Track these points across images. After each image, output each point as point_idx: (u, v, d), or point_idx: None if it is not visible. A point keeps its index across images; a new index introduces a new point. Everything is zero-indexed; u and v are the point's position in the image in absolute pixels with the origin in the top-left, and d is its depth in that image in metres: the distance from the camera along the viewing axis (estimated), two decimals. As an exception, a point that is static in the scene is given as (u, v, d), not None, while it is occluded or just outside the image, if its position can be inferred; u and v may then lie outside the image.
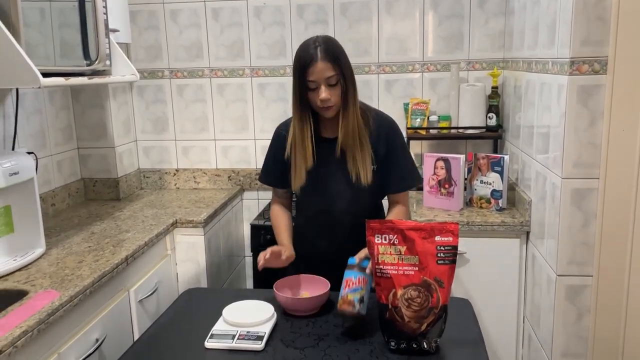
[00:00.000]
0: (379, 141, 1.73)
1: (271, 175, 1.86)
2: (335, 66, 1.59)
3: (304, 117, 1.68)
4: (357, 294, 1.48)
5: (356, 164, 1.68)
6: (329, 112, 1.65)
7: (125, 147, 2.89)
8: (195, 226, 2.40)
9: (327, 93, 1.59)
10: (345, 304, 1.47)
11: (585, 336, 1.87)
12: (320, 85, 1.60)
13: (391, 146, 1.74)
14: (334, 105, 1.63)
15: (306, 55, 1.59)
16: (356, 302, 1.47)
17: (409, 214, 1.84)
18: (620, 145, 1.65)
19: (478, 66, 2.74)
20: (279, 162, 1.80)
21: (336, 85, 1.61)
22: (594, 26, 1.67)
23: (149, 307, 2.10)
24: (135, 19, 2.87)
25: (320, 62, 1.57)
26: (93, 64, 2.02)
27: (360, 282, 1.49)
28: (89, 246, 2.02)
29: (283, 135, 1.79)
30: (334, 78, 1.59)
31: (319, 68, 1.57)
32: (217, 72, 2.91)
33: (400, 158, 1.75)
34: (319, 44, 1.60)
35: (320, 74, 1.58)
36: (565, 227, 1.81)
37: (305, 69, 1.58)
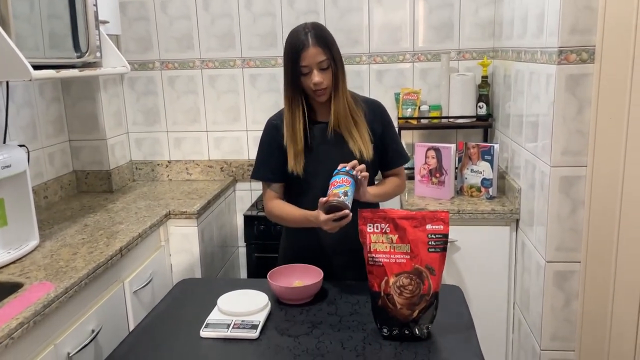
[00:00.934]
0: (374, 121, 1.78)
1: (268, 168, 1.81)
2: (326, 51, 1.65)
3: (296, 101, 1.72)
4: (341, 189, 1.54)
5: (357, 142, 1.72)
6: (323, 96, 1.69)
7: (117, 139, 2.89)
8: (189, 217, 2.42)
9: (319, 77, 1.64)
10: (331, 196, 1.54)
11: (573, 320, 1.91)
12: (312, 70, 1.64)
13: (386, 125, 1.81)
14: (326, 88, 1.68)
15: (298, 41, 1.64)
16: (341, 194, 1.54)
17: (405, 187, 1.89)
18: (608, 132, 1.68)
19: (468, 56, 2.75)
20: (275, 152, 1.79)
21: (327, 69, 1.66)
22: (581, 15, 1.69)
23: (143, 297, 2.11)
24: (125, 10, 2.85)
25: (312, 48, 1.63)
26: (83, 56, 2.01)
27: (343, 181, 1.55)
28: (83, 238, 2.03)
29: (277, 125, 1.79)
30: (325, 62, 1.65)
31: (311, 53, 1.62)
32: (208, 63, 2.90)
33: (394, 135, 1.84)
34: (309, 30, 1.65)
35: (312, 58, 1.63)
36: (554, 214, 1.84)
37: (298, 54, 1.63)
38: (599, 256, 1.78)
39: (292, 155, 1.73)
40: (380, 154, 1.79)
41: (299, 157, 1.74)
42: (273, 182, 1.82)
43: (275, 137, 1.78)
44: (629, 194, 1.65)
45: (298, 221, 1.74)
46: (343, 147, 1.73)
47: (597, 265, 1.79)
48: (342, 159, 1.71)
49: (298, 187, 1.79)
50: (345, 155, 1.72)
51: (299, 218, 1.73)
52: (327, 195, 1.56)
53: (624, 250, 1.70)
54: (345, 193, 1.54)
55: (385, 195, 1.80)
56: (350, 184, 1.56)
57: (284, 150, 1.77)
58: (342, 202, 1.54)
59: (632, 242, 1.66)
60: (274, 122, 1.81)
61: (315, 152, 1.75)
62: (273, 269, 1.71)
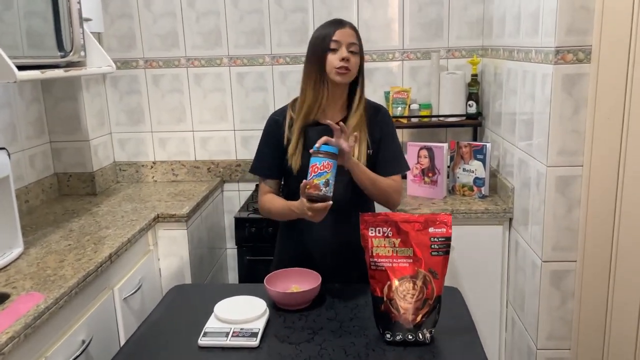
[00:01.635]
0: (374, 126, 1.75)
1: (264, 164, 1.80)
2: (357, 38, 1.69)
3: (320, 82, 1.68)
4: (322, 177, 1.50)
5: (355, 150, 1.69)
6: (344, 76, 1.67)
7: (100, 140, 2.81)
8: (178, 220, 2.36)
9: (347, 54, 1.65)
10: (312, 188, 1.50)
11: (568, 319, 1.92)
12: (342, 47, 1.65)
13: (385, 131, 1.77)
14: (351, 70, 1.67)
15: (335, 23, 1.69)
16: (322, 185, 1.50)
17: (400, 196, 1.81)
18: (605, 132, 1.68)
19: (457, 54, 2.75)
20: (272, 149, 1.77)
21: (356, 55, 1.68)
22: (578, 15, 1.68)
23: (133, 305, 2.05)
24: (107, 7, 2.77)
25: (348, 29, 1.68)
26: (67, 55, 1.94)
27: (325, 166, 1.50)
28: (69, 244, 1.96)
29: (280, 120, 1.76)
30: (356, 47, 1.67)
31: (346, 32, 1.67)
32: (194, 62, 2.84)
33: (394, 143, 1.79)
34: (346, 21, 1.71)
35: (345, 36, 1.66)
36: (550, 214, 1.84)
37: (331, 31, 1.66)
38: (595, 255, 1.78)
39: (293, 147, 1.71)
40: (375, 161, 1.75)
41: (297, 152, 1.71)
42: (268, 177, 1.81)
43: (275, 133, 1.75)
44: (626, 193, 1.66)
45: (283, 213, 1.73)
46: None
47: (594, 264, 1.79)
48: None
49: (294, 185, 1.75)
50: None
51: (284, 209, 1.71)
52: (308, 178, 1.51)
53: (620, 250, 1.71)
54: (327, 183, 1.51)
55: (373, 183, 1.68)
56: (332, 166, 1.51)
57: (282, 147, 1.74)
58: (324, 195, 1.51)
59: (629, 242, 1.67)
60: (276, 118, 1.79)
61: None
62: (269, 274, 1.68)
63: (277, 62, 2.81)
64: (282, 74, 2.82)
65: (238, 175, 2.94)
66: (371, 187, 1.69)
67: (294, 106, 1.77)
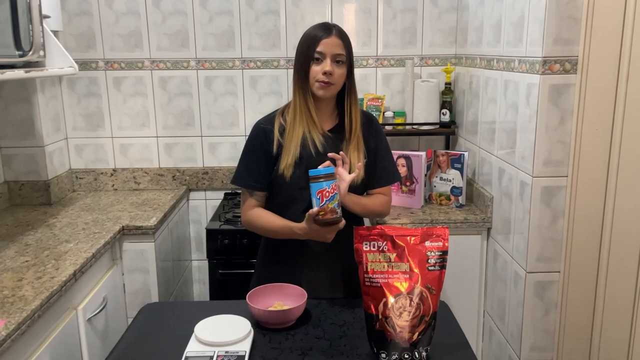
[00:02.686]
0: (370, 136, 1.69)
1: (251, 175, 1.67)
2: (345, 48, 1.60)
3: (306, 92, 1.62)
4: (335, 200, 1.48)
5: (355, 161, 1.63)
6: (325, 90, 1.58)
7: (55, 146, 2.62)
8: (145, 232, 2.21)
9: (331, 67, 1.56)
10: (328, 213, 1.48)
11: (552, 330, 1.91)
12: (326, 58, 1.56)
13: (379, 142, 1.72)
14: (334, 84, 1.58)
15: (321, 28, 1.60)
16: (336, 207, 1.49)
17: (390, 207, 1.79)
18: (592, 143, 1.68)
19: (431, 62, 2.73)
20: (260, 159, 1.66)
21: (341, 65, 1.59)
22: (565, 25, 1.68)
23: (97, 325, 1.90)
24: (65, 4, 2.59)
25: (334, 37, 1.58)
26: (26, 55, 1.78)
27: (333, 189, 1.48)
28: (26, 260, 1.79)
29: (268, 129, 1.66)
30: (342, 57, 1.58)
31: (332, 42, 1.57)
32: (159, 64, 2.70)
33: (387, 154, 1.74)
34: (335, 26, 1.62)
35: (330, 47, 1.57)
36: (535, 224, 1.83)
37: (316, 40, 1.57)
38: (580, 266, 1.78)
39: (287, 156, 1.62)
40: (369, 170, 1.69)
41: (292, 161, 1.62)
42: (256, 190, 1.68)
43: (263, 143, 1.64)
44: (612, 204, 1.66)
45: (280, 232, 1.63)
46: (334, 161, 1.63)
47: (578, 275, 1.79)
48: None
49: (283, 198, 1.66)
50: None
51: (282, 229, 1.62)
52: (320, 204, 1.46)
53: (605, 261, 1.71)
54: (339, 204, 1.50)
55: (365, 208, 1.68)
56: (337, 188, 1.50)
57: (271, 157, 1.64)
58: (339, 218, 1.50)
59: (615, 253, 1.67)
60: (263, 127, 1.67)
61: (306, 162, 1.62)
62: (252, 290, 1.58)
63: (248, 66, 2.71)
64: (253, 79, 2.72)
65: (205, 184, 2.81)
66: (362, 212, 1.70)
67: (284, 113, 1.68)
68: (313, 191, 1.48)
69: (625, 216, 1.59)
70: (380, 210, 1.74)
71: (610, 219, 1.66)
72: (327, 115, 1.67)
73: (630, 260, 1.57)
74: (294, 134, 1.61)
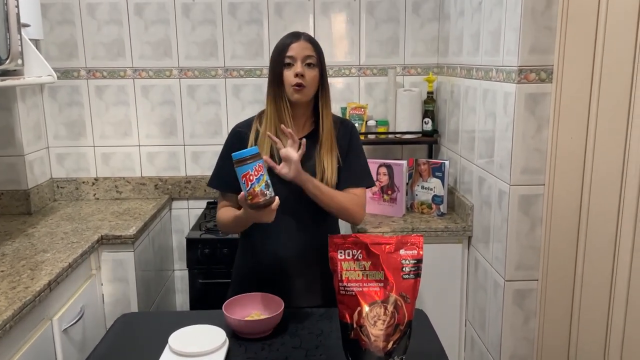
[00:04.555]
0: (343, 139, 1.70)
1: (222, 178, 1.70)
2: (315, 50, 1.61)
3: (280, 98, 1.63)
4: (261, 182, 1.43)
5: (322, 163, 1.63)
6: (300, 94, 1.59)
7: (35, 155, 2.60)
8: (124, 242, 2.20)
9: (302, 69, 1.58)
10: (257, 196, 1.42)
11: (531, 338, 1.91)
12: (297, 61, 1.59)
13: (353, 145, 1.72)
14: (307, 86, 1.59)
15: (290, 36, 1.63)
16: (264, 189, 1.43)
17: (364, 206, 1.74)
18: (567, 151, 1.69)
19: (413, 71, 2.74)
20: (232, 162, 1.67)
21: (313, 68, 1.60)
22: (541, 35, 1.69)
23: (74, 335, 1.88)
24: (46, 13, 2.58)
25: (303, 41, 1.61)
26: (3, 64, 1.77)
27: (258, 170, 1.42)
28: (2, 270, 1.77)
29: (244, 133, 1.68)
30: (313, 59, 1.60)
31: (300, 46, 1.60)
32: (142, 73, 2.69)
33: (359, 158, 1.73)
34: (304, 33, 1.65)
35: (300, 50, 1.59)
36: (513, 233, 1.84)
37: (286, 46, 1.60)
38: (557, 274, 1.79)
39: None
40: (341, 174, 1.69)
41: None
42: (227, 191, 1.71)
43: (237, 145, 1.64)
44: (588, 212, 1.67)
45: (234, 223, 1.64)
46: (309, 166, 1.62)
47: (556, 283, 1.80)
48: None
49: None
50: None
51: (233, 219, 1.63)
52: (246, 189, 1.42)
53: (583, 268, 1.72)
54: (267, 184, 1.44)
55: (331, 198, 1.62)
56: (263, 166, 1.43)
57: None
58: (270, 199, 1.44)
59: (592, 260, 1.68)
60: (239, 130, 1.70)
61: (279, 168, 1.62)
62: (228, 300, 1.57)
63: (231, 75, 2.71)
64: (236, 87, 2.72)
65: (187, 193, 2.80)
66: (328, 201, 1.63)
67: (260, 119, 1.69)
68: (238, 175, 1.42)
69: (600, 223, 1.60)
70: (350, 207, 1.66)
71: (585, 227, 1.67)
72: (303, 122, 1.69)
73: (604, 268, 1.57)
74: (264, 143, 1.62)
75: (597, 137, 1.59)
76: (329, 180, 1.63)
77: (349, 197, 1.67)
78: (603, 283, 1.59)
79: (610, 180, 1.53)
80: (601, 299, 1.60)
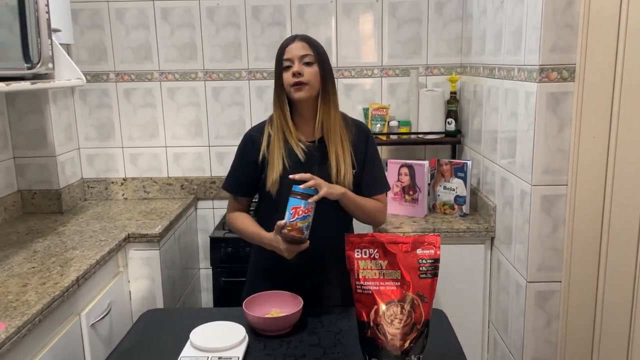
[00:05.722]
0: (359, 145, 1.71)
1: (235, 180, 1.75)
2: (311, 48, 1.63)
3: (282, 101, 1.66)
4: (306, 221, 1.50)
5: (338, 160, 1.65)
6: (301, 92, 1.61)
7: (67, 156, 2.68)
8: (150, 240, 2.25)
9: (299, 67, 1.60)
10: (294, 230, 1.50)
11: (554, 341, 1.88)
12: (294, 62, 1.61)
13: (370, 151, 1.73)
14: (307, 83, 1.61)
15: (286, 40, 1.67)
16: (304, 229, 1.51)
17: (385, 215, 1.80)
18: (590, 151, 1.67)
19: (436, 71, 2.74)
20: (244, 166, 1.72)
21: (311, 65, 1.62)
22: (562, 33, 1.67)
23: (101, 331, 1.94)
24: (77, 18, 2.67)
25: (297, 42, 1.64)
26: (34, 67, 1.84)
27: (308, 210, 1.50)
28: (33, 267, 1.84)
29: (256, 137, 1.70)
30: (309, 57, 1.62)
31: (295, 46, 1.63)
32: (168, 75, 2.75)
33: (377, 163, 1.76)
34: (301, 34, 1.69)
35: (295, 51, 1.62)
36: (535, 233, 1.82)
37: (283, 49, 1.64)
38: (581, 275, 1.76)
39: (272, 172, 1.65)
40: (358, 179, 1.70)
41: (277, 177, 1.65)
42: (239, 195, 1.77)
43: (250, 150, 1.69)
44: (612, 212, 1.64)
45: (252, 238, 1.70)
46: (324, 169, 1.64)
47: (579, 284, 1.77)
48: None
49: (269, 208, 1.69)
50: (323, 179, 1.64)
51: (253, 235, 1.68)
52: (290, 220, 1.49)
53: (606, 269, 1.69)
54: (309, 226, 1.52)
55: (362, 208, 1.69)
56: (313, 209, 1.51)
57: (256, 165, 1.68)
58: (304, 238, 1.52)
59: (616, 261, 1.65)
60: (252, 134, 1.73)
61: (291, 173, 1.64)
62: (248, 298, 1.59)
63: (254, 77, 2.75)
64: (260, 89, 2.76)
65: (212, 193, 2.85)
66: (358, 212, 1.70)
67: (271, 123, 1.71)
68: (289, 204, 1.50)
69: (623, 223, 1.57)
70: (376, 214, 1.74)
71: (608, 227, 1.64)
72: (312, 126, 1.68)
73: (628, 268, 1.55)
74: (275, 149, 1.65)
75: (620, 136, 1.56)
76: (344, 178, 1.64)
77: (376, 205, 1.73)
78: (627, 285, 1.56)
79: (634, 180, 1.51)
80: (625, 301, 1.57)
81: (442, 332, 1.56)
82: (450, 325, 1.61)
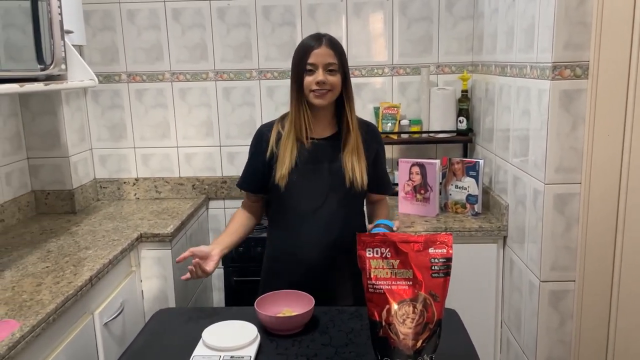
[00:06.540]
0: (370, 145, 1.72)
1: (246, 177, 1.79)
2: (337, 56, 1.62)
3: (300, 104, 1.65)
4: None
5: (349, 165, 1.66)
6: (322, 98, 1.62)
7: (80, 156, 2.70)
8: (162, 240, 2.26)
9: (324, 77, 1.59)
10: None
11: (567, 341, 1.86)
12: (318, 69, 1.60)
13: (381, 151, 1.77)
14: (330, 90, 1.61)
15: (311, 41, 1.63)
16: None
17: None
18: (604, 149, 1.65)
19: (447, 70, 2.72)
20: (254, 163, 1.74)
21: (335, 74, 1.61)
22: (575, 30, 1.66)
23: (114, 330, 1.95)
24: (89, 20, 2.69)
25: (324, 47, 1.60)
26: (47, 69, 1.85)
27: None
28: (47, 266, 1.86)
29: (265, 133, 1.73)
30: (334, 66, 1.61)
31: (322, 52, 1.60)
32: (179, 76, 2.77)
33: (383, 163, 1.80)
34: (325, 35, 1.64)
35: (321, 57, 1.60)
36: (548, 232, 1.80)
37: (307, 52, 1.61)
38: (595, 275, 1.74)
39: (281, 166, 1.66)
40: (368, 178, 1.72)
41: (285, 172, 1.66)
42: (249, 191, 1.80)
43: (259, 146, 1.72)
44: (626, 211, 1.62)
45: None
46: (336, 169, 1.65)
47: (593, 284, 1.75)
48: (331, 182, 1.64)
49: (279, 204, 1.70)
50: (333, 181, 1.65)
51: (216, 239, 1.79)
52: None
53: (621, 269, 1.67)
54: None
55: None
56: None
57: (264, 161, 1.69)
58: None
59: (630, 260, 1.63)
60: (262, 130, 1.76)
61: (302, 170, 1.65)
62: (259, 297, 1.60)
63: (265, 77, 2.75)
64: (270, 89, 2.76)
65: (224, 192, 2.86)
66: None
67: (282, 121, 1.72)
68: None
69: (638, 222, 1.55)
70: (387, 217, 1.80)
71: (622, 226, 1.62)
72: (326, 124, 1.70)
73: (645, 269, 1.53)
74: (287, 144, 1.66)
75: (635, 134, 1.55)
76: (359, 183, 1.65)
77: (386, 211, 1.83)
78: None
79: (649, 179, 1.49)
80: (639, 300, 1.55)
81: (455, 332, 1.56)
82: (463, 324, 1.61)
